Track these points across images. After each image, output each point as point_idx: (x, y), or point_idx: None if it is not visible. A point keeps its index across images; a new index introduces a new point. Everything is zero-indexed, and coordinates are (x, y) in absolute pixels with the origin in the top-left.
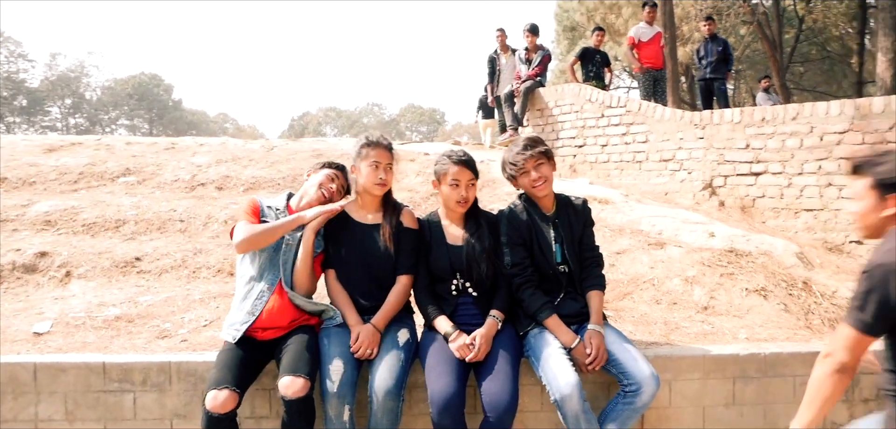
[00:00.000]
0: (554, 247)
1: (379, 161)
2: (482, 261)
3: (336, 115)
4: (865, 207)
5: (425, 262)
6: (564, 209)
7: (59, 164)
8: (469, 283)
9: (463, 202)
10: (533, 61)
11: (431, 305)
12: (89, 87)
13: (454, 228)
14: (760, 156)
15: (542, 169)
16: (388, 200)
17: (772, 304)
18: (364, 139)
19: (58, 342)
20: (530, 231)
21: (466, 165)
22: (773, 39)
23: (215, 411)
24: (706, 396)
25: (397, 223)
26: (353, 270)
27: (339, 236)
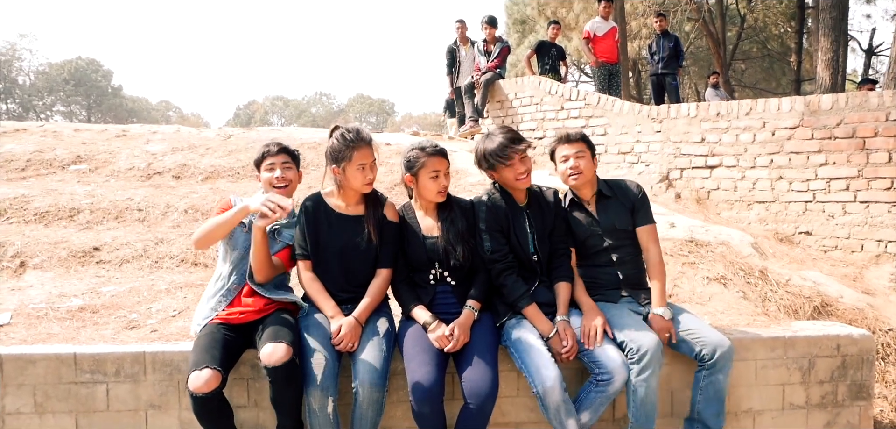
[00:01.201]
0: (529, 236)
1: (365, 163)
2: (458, 245)
3: (284, 104)
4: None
5: (402, 253)
6: (537, 200)
7: (4, 150)
8: (446, 272)
9: (443, 192)
10: (492, 53)
11: (409, 295)
12: (22, 71)
13: (428, 219)
14: (715, 149)
15: (527, 163)
16: (371, 192)
17: (731, 291)
18: (344, 140)
19: (21, 334)
20: (507, 219)
21: (444, 155)
22: (717, 37)
23: (199, 392)
24: (673, 379)
25: (381, 216)
26: (331, 262)
27: (319, 227)
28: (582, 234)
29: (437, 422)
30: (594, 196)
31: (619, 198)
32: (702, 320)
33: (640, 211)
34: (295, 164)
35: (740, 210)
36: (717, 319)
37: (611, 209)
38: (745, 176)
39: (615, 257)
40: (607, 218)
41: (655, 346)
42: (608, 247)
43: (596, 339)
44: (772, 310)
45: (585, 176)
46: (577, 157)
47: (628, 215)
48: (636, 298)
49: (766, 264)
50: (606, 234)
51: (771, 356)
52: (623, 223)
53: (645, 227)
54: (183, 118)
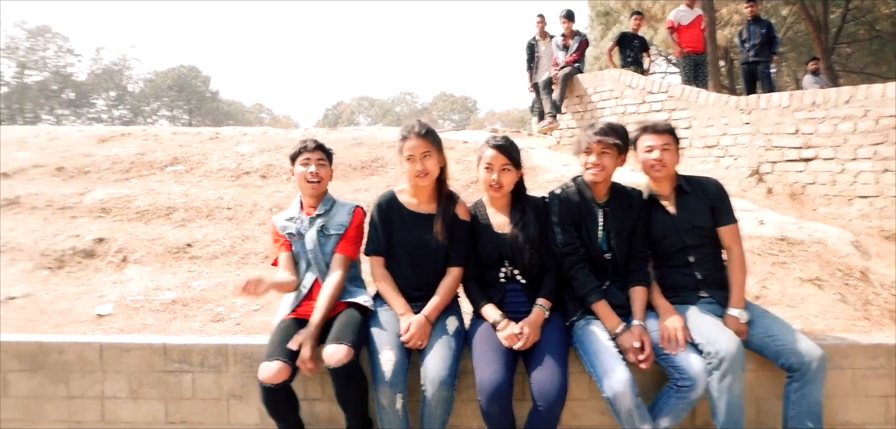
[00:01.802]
0: (600, 234)
1: (413, 154)
2: (527, 249)
3: (369, 103)
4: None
5: (474, 250)
6: (617, 199)
7: (111, 154)
8: (517, 270)
9: (496, 186)
10: (570, 47)
11: (479, 294)
12: (131, 79)
13: (499, 216)
14: (811, 141)
15: (604, 159)
16: (443, 190)
17: (827, 293)
18: (399, 133)
19: (119, 324)
20: (580, 214)
21: (500, 150)
22: (818, 20)
23: (268, 382)
24: (759, 387)
25: (452, 215)
26: (403, 259)
27: (392, 225)
28: (658, 232)
29: (505, 422)
30: (673, 192)
31: (698, 195)
32: (789, 326)
33: (722, 209)
34: (328, 161)
35: (840, 205)
36: (810, 323)
37: (689, 206)
38: (845, 169)
39: (693, 258)
40: (686, 216)
41: (736, 349)
42: (686, 247)
43: (676, 343)
44: (874, 314)
45: (668, 170)
46: (663, 149)
47: (708, 213)
48: (717, 300)
49: (868, 265)
50: (684, 233)
51: (872, 365)
52: (702, 221)
53: (727, 227)
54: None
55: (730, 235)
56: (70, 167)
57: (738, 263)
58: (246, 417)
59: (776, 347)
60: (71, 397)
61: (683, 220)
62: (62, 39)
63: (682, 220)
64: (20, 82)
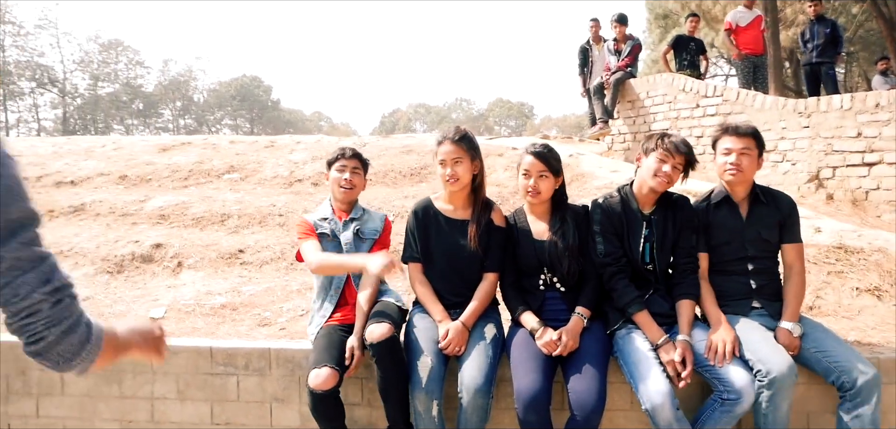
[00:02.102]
0: (643, 245)
1: (444, 159)
2: (565, 258)
3: (425, 111)
4: None
5: (512, 257)
6: (663, 209)
7: (171, 162)
8: (556, 278)
9: (533, 192)
10: (622, 52)
11: (518, 300)
12: (197, 90)
13: (539, 223)
14: (874, 144)
15: (676, 175)
16: (479, 196)
17: (887, 304)
18: (435, 139)
19: (170, 326)
20: (622, 224)
21: (537, 157)
22: (891, 17)
23: (319, 389)
24: (810, 401)
25: (487, 221)
26: (440, 265)
27: (428, 231)
28: (722, 236)
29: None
30: (747, 199)
31: (771, 207)
32: (842, 341)
33: (791, 227)
34: (363, 170)
35: None
36: (867, 335)
37: (761, 217)
38: None
39: (751, 267)
40: (755, 226)
41: (787, 369)
42: (747, 256)
43: (723, 356)
44: None
45: (745, 176)
46: (742, 153)
47: (776, 228)
48: (769, 312)
49: None
50: (750, 242)
51: None
52: (769, 234)
53: (793, 245)
54: (333, 127)
55: (794, 254)
56: (133, 175)
57: (799, 278)
58: (288, 419)
59: (826, 363)
60: (123, 397)
61: (752, 229)
62: (133, 52)
63: (750, 228)
64: (93, 94)
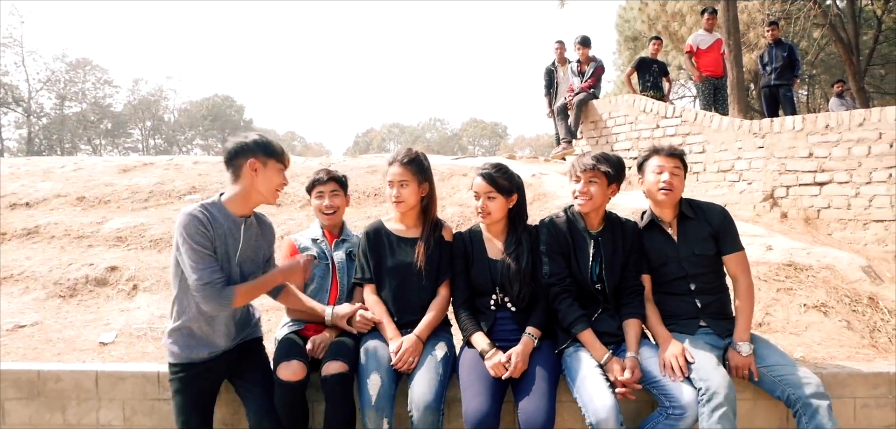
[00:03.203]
0: (591, 264)
1: (392, 180)
2: (517, 280)
3: (399, 131)
4: None
5: (465, 276)
6: (611, 229)
7: (131, 183)
8: (507, 298)
9: (483, 213)
10: (585, 73)
11: (469, 320)
12: (167, 109)
13: (495, 243)
14: (825, 165)
15: (592, 188)
16: (428, 216)
17: (833, 320)
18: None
19: (120, 352)
20: (568, 244)
21: (484, 178)
22: (849, 42)
23: (288, 379)
24: (757, 417)
25: (437, 239)
26: (392, 284)
27: (380, 252)
28: (658, 259)
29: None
30: (675, 218)
31: (701, 221)
32: (787, 357)
33: (726, 238)
34: (343, 190)
35: (855, 230)
36: (812, 351)
37: (691, 233)
38: (860, 192)
39: (693, 286)
40: (687, 243)
41: (726, 387)
42: (686, 275)
43: (679, 369)
44: (881, 342)
45: (674, 195)
46: (673, 173)
47: (710, 241)
48: (716, 330)
49: (877, 290)
50: (685, 260)
51: (873, 395)
52: (704, 249)
53: (733, 255)
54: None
55: (736, 264)
56: (91, 197)
57: (746, 294)
58: None
59: (773, 378)
60: (67, 426)
61: (685, 247)
62: (101, 71)
63: (683, 247)
64: (59, 114)
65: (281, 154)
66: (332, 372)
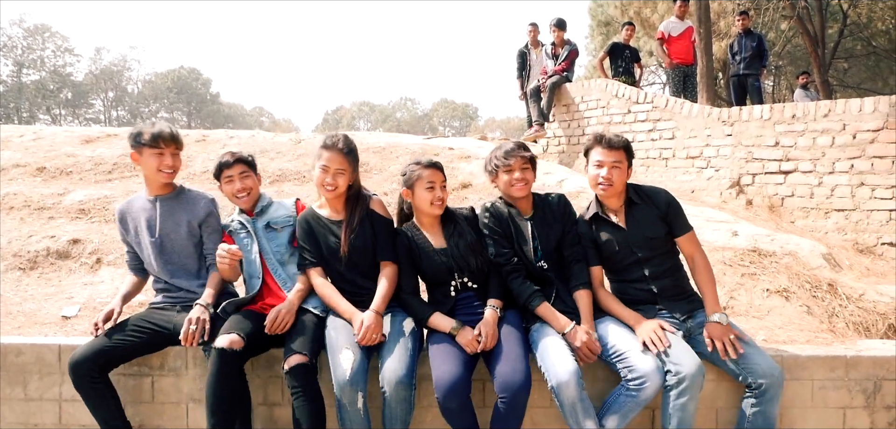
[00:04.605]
0: (533, 246)
1: (327, 165)
2: (470, 255)
3: (369, 109)
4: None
5: (411, 266)
6: (541, 210)
7: (95, 155)
8: (466, 278)
9: (439, 204)
10: (559, 56)
11: (422, 306)
12: (131, 80)
13: (435, 233)
14: (790, 154)
15: (527, 174)
16: (349, 196)
17: (794, 305)
18: (321, 140)
19: (84, 326)
20: (510, 228)
21: (438, 168)
22: (815, 34)
23: (226, 346)
24: (719, 398)
25: (366, 214)
26: (334, 266)
27: (316, 237)
28: (609, 248)
29: (466, 419)
30: (622, 206)
31: (648, 205)
32: (751, 341)
33: (675, 219)
34: (252, 170)
35: (817, 218)
36: (774, 334)
37: (640, 218)
38: (823, 182)
39: (648, 271)
40: (636, 229)
41: (696, 370)
42: (639, 259)
43: (662, 342)
44: (839, 327)
45: (615, 189)
46: (613, 167)
47: (659, 223)
48: (675, 311)
49: (836, 277)
50: (636, 245)
51: (830, 377)
52: (653, 231)
53: (685, 236)
54: (275, 123)
55: (689, 244)
56: (52, 167)
57: (704, 270)
58: (205, 420)
59: (734, 362)
60: (28, 400)
61: (634, 232)
62: (61, 39)
63: (632, 232)
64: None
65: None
66: (294, 363)
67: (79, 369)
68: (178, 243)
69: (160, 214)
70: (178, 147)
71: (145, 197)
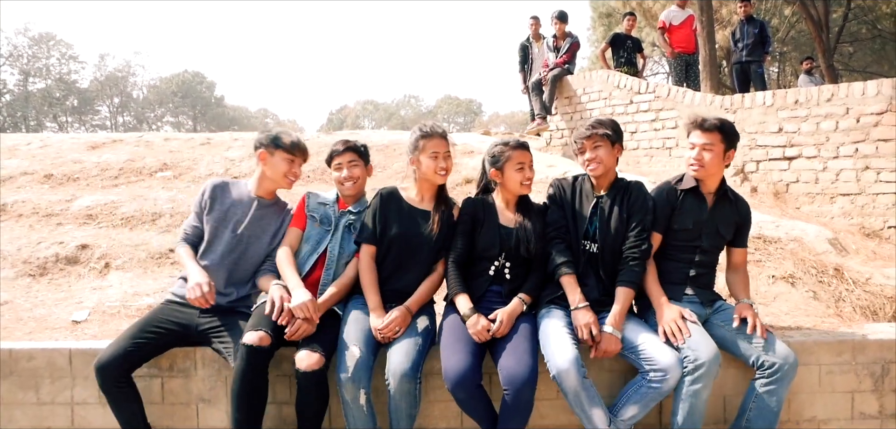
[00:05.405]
0: (590, 220)
1: (437, 151)
2: (532, 238)
3: (373, 107)
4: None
5: (468, 237)
6: (616, 192)
7: (101, 160)
8: (509, 264)
9: (528, 183)
10: (561, 49)
11: (457, 280)
12: (136, 86)
13: (508, 214)
14: (794, 140)
15: (599, 151)
16: (443, 191)
17: (800, 291)
18: (419, 131)
19: (93, 330)
20: (571, 196)
21: (527, 148)
22: (819, 19)
23: (255, 343)
24: (726, 385)
25: (449, 215)
26: (394, 251)
27: (388, 216)
28: (685, 222)
29: (478, 405)
30: (715, 193)
31: (733, 207)
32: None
33: (745, 232)
34: (362, 160)
35: (822, 204)
36: (780, 320)
37: (723, 213)
38: (828, 167)
39: (698, 258)
40: (716, 220)
41: (713, 357)
42: (700, 247)
43: (682, 333)
44: (846, 311)
45: (708, 170)
46: (704, 148)
47: (732, 227)
48: (701, 298)
49: (842, 262)
50: (707, 234)
51: (837, 361)
52: (725, 231)
53: (742, 249)
54: (279, 124)
55: (741, 257)
56: (59, 174)
57: (745, 281)
58: (215, 420)
59: (748, 345)
60: (41, 404)
61: (713, 221)
62: (65, 46)
63: (712, 220)
64: (23, 90)
65: (289, 147)
66: (306, 369)
67: (106, 372)
68: (253, 252)
69: (252, 216)
70: (304, 160)
71: (247, 192)
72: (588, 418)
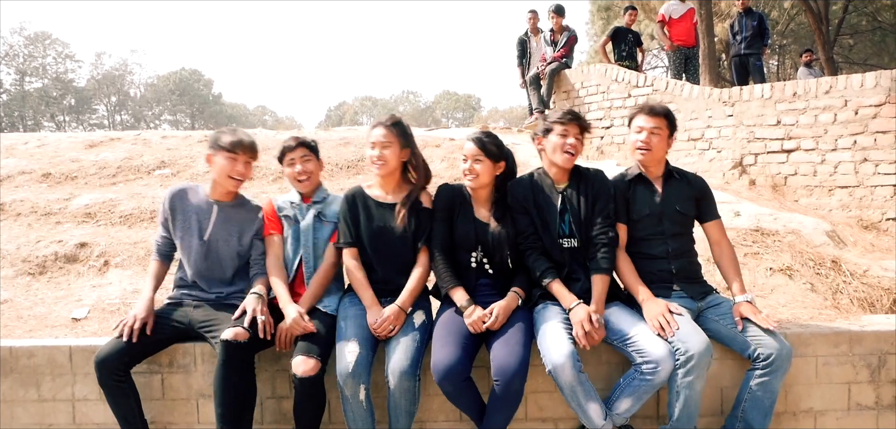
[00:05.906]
0: (560, 219)
1: (375, 142)
2: (504, 247)
3: (372, 103)
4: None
5: (447, 224)
6: (576, 181)
7: (99, 159)
8: (486, 259)
9: (472, 175)
10: (558, 43)
11: (450, 275)
12: (133, 84)
13: (482, 210)
14: (792, 132)
15: (579, 145)
16: (410, 182)
17: (797, 283)
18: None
19: (93, 327)
20: (529, 201)
21: (475, 143)
22: (819, 11)
23: (228, 338)
24: (724, 377)
25: (415, 202)
26: (372, 248)
27: (357, 216)
28: (641, 211)
29: (465, 399)
30: (661, 177)
31: (684, 183)
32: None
33: (708, 204)
34: (314, 154)
35: (820, 196)
36: (778, 312)
37: (676, 191)
38: (826, 159)
39: (670, 248)
40: (671, 200)
41: (704, 349)
42: (665, 233)
43: (671, 326)
44: (843, 303)
45: (655, 155)
46: (652, 132)
47: (692, 203)
48: (689, 293)
49: (840, 254)
50: (667, 216)
51: (834, 353)
52: (685, 208)
53: (714, 222)
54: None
55: (717, 230)
56: (57, 173)
57: (730, 257)
58: (214, 416)
59: (744, 337)
60: (42, 400)
61: (668, 203)
62: (62, 45)
63: (667, 202)
64: (20, 90)
65: (229, 146)
66: (302, 375)
67: (105, 366)
68: (225, 253)
69: (215, 220)
70: (252, 157)
71: (205, 196)
72: (584, 413)
